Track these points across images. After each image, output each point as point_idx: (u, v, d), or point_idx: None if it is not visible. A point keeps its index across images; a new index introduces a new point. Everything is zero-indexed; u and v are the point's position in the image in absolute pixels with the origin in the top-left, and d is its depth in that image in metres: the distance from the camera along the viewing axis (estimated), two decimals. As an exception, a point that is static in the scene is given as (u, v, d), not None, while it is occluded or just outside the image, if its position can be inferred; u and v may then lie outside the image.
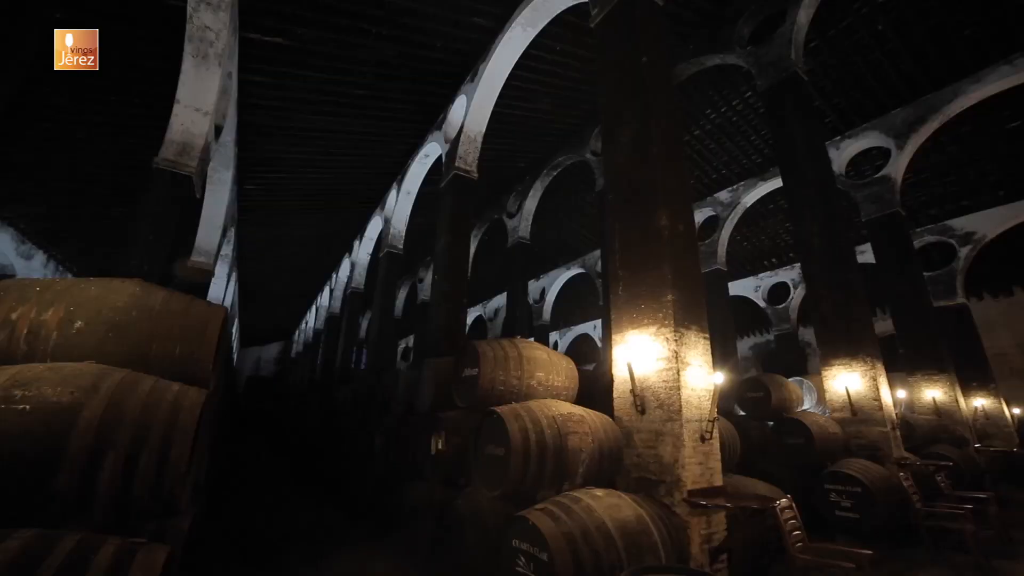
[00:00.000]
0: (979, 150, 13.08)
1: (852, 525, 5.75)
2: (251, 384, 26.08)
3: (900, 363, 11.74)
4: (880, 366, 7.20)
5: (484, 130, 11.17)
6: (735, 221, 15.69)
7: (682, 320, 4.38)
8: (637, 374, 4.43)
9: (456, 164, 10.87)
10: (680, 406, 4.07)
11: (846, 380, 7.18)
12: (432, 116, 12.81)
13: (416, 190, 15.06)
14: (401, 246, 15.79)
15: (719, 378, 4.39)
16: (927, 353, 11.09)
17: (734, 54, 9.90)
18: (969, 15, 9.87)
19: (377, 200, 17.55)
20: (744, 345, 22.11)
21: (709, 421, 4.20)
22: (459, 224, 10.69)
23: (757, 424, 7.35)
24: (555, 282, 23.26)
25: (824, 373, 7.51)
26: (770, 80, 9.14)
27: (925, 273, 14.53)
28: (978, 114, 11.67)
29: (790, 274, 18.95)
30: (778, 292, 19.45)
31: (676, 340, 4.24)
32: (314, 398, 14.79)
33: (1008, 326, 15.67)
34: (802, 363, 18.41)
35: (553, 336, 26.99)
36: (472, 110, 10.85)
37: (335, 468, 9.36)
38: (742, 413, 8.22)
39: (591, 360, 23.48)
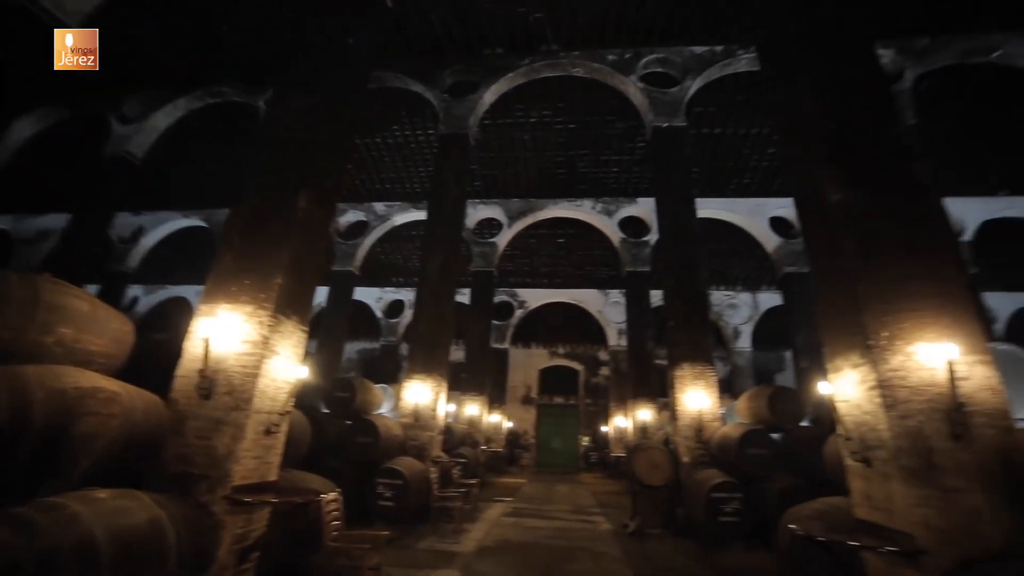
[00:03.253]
0: (542, 247, 19.03)
1: (391, 512, 6.68)
2: None
3: (460, 385, 15.14)
4: (445, 384, 8.98)
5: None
6: (381, 234, 16.85)
7: (285, 307, 4.15)
8: (214, 353, 3.83)
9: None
10: (253, 395, 3.76)
11: (419, 392, 8.56)
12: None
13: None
14: None
15: (304, 372, 4.34)
16: (477, 379, 14.74)
17: (432, 94, 11.01)
18: (563, 160, 14.47)
19: None
20: (353, 348, 23.40)
21: (281, 414, 4.05)
22: (10, 85, 6.96)
23: (338, 422, 7.72)
24: (163, 226, 18.25)
25: (405, 383, 8.73)
26: (450, 129, 10.59)
27: (494, 321, 19.57)
28: (548, 225, 17.05)
29: (408, 295, 21.52)
30: (395, 307, 21.80)
31: (271, 326, 3.96)
32: None
33: (522, 368, 23.06)
34: (397, 373, 21.00)
35: (136, 290, 20.95)
36: (103, -52, 7.58)
37: None
38: (326, 410, 8.47)
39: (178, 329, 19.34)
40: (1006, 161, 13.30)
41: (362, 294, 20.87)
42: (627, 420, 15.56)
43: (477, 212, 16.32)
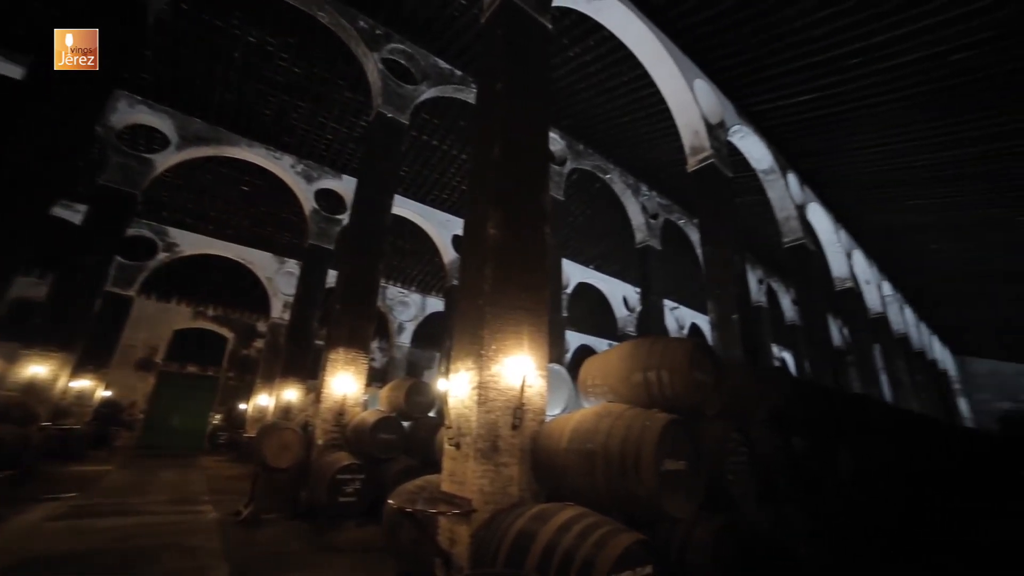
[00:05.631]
0: (219, 189, 15.80)
1: None
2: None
3: (28, 333, 10.62)
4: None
5: None
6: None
7: None
8: None
9: None
10: None
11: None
12: None
13: None
14: None
15: None
16: (64, 329, 10.66)
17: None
18: (275, 102, 12.62)
19: None
20: None
21: None
22: None
23: None
24: None
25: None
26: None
27: (121, 259, 14.92)
28: (234, 166, 14.40)
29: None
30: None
31: None
32: None
33: (150, 325, 18.52)
34: None
35: None
36: None
37: None
38: None
39: None
40: (596, 245, 19.74)
41: None
42: (271, 399, 14.46)
43: (134, 113, 12.21)
